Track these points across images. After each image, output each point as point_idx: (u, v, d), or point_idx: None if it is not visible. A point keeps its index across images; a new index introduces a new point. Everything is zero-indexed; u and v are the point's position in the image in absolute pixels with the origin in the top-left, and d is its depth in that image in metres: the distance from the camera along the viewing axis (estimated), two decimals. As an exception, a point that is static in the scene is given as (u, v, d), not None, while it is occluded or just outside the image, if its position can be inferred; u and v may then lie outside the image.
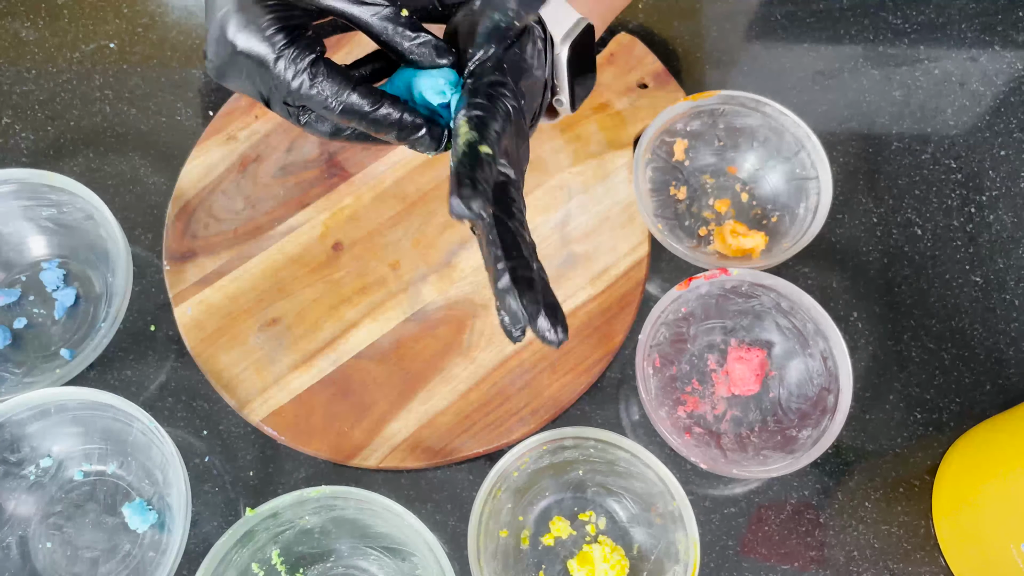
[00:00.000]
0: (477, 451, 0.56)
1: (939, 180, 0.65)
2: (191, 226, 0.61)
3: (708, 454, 0.55)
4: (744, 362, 0.58)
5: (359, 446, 0.56)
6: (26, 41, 0.69)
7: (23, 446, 0.54)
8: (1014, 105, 0.68)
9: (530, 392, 0.57)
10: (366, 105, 0.40)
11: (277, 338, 0.58)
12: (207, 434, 0.57)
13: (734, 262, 0.59)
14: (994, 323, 0.61)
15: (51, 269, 0.60)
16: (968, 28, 0.70)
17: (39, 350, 0.59)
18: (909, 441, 0.58)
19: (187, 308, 0.59)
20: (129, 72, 0.68)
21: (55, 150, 0.65)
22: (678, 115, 0.62)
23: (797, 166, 0.61)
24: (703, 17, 0.71)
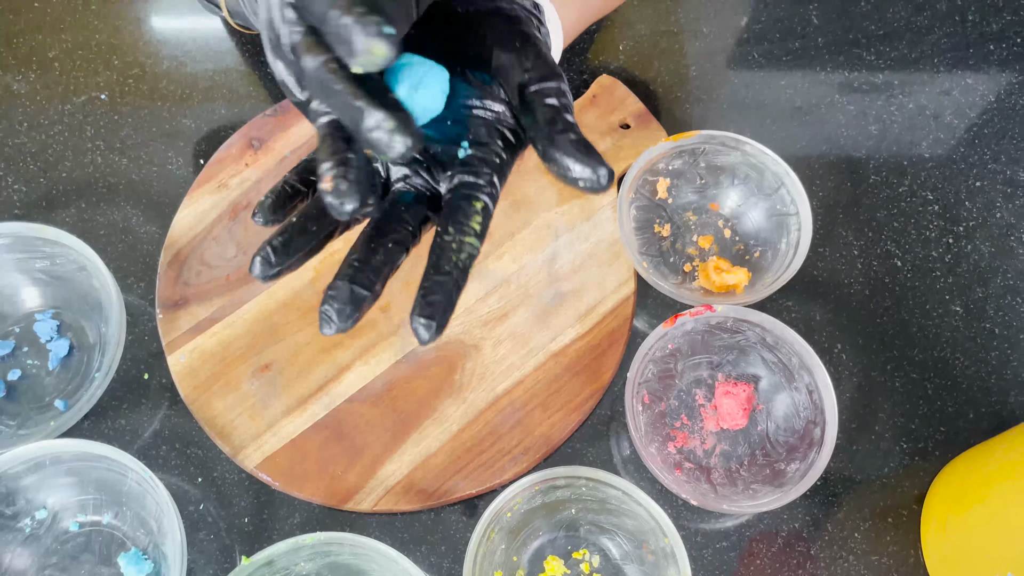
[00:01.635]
0: (470, 492, 0.56)
1: (917, 212, 0.66)
2: (183, 274, 0.62)
3: (698, 489, 0.56)
4: (731, 396, 0.59)
5: (353, 490, 0.56)
6: (17, 94, 0.70)
7: (18, 499, 0.54)
8: (987, 136, 0.69)
9: (522, 431, 0.58)
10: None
11: (270, 383, 0.59)
12: (201, 481, 0.58)
13: (718, 298, 0.61)
14: (975, 352, 0.62)
15: (45, 320, 0.61)
16: (940, 63, 0.72)
17: (33, 401, 0.59)
18: (896, 471, 0.59)
19: (180, 356, 0.59)
20: (120, 123, 0.69)
21: (47, 201, 0.66)
22: (660, 155, 0.63)
23: (778, 202, 0.62)
24: (682, 56, 0.72)
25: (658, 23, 0.74)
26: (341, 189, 0.33)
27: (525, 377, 0.59)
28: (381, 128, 0.31)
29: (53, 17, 0.73)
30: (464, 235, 0.37)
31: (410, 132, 0.31)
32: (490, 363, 0.60)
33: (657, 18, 0.74)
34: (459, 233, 0.37)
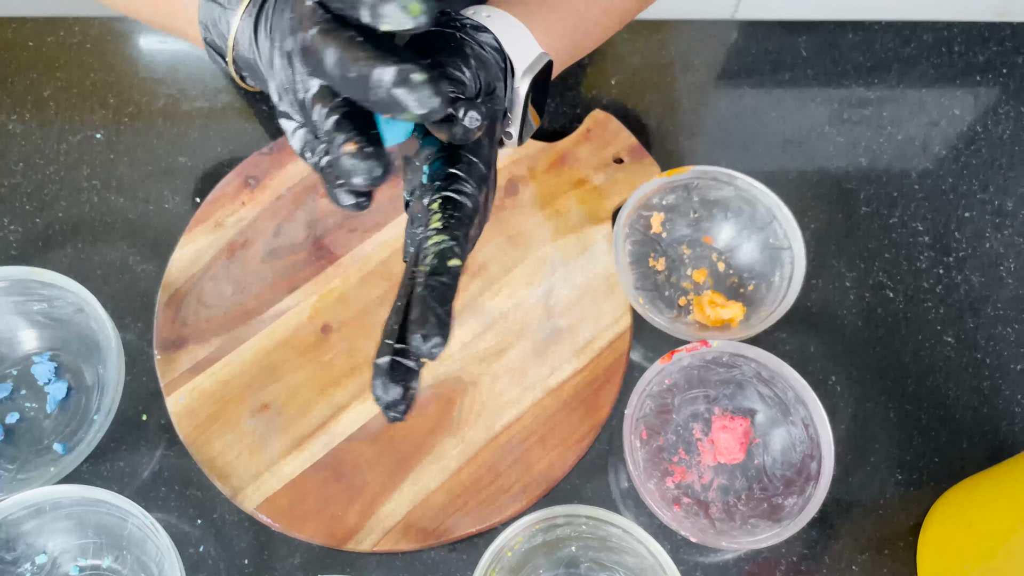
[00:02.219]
0: (470, 530, 0.57)
1: (907, 243, 0.67)
2: (181, 313, 0.62)
3: (697, 525, 0.56)
4: (728, 431, 0.59)
5: (353, 530, 0.56)
6: (13, 134, 0.70)
7: (18, 544, 0.54)
8: (975, 167, 0.70)
9: (520, 468, 0.58)
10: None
11: (269, 422, 0.59)
12: (201, 522, 0.58)
13: (714, 332, 0.61)
14: (967, 381, 0.63)
15: (42, 362, 0.61)
16: (928, 93, 0.73)
17: (32, 444, 0.59)
18: (891, 501, 0.60)
19: (179, 397, 0.59)
20: (116, 161, 0.69)
21: (44, 241, 0.66)
22: (654, 190, 0.64)
23: (771, 236, 0.63)
24: (674, 89, 0.73)
25: (649, 56, 0.74)
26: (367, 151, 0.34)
27: (523, 413, 0.60)
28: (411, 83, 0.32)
29: (48, 56, 0.73)
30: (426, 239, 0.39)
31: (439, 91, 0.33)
32: (488, 399, 0.60)
33: (648, 51, 0.75)
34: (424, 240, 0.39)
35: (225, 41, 0.42)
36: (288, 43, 0.37)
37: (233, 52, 0.42)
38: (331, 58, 0.34)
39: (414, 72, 0.32)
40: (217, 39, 0.43)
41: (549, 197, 0.66)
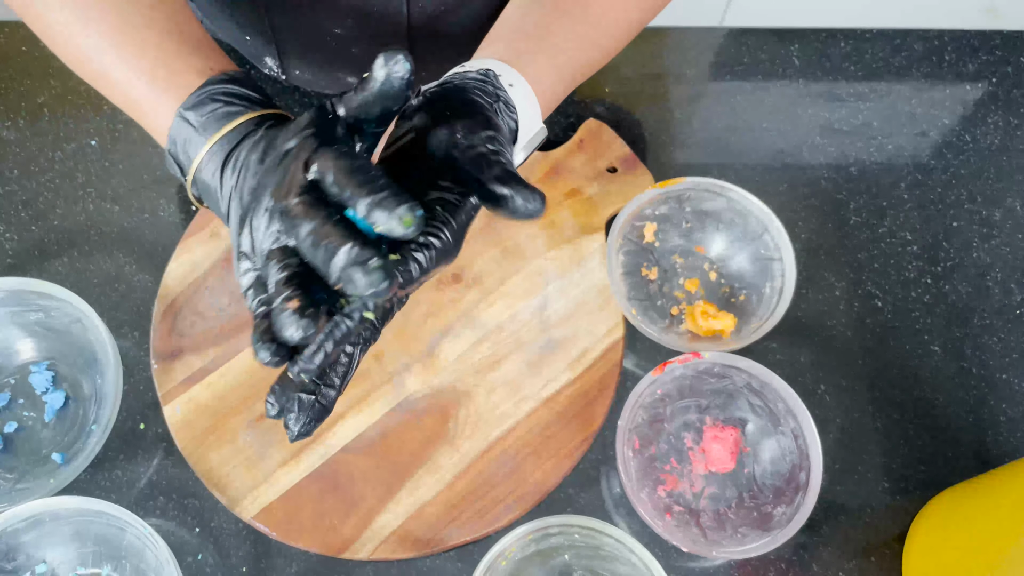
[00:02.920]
0: (465, 539, 0.57)
1: (896, 253, 0.68)
2: (177, 324, 0.62)
3: (688, 535, 0.57)
4: (719, 441, 0.60)
5: (349, 540, 0.57)
6: (7, 141, 0.70)
7: (18, 554, 0.55)
8: (964, 177, 0.71)
9: (515, 479, 0.59)
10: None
11: (265, 434, 0.60)
12: (199, 531, 0.59)
13: (705, 343, 0.62)
14: (952, 391, 0.64)
15: (40, 372, 0.61)
16: (918, 103, 0.74)
17: (30, 454, 0.59)
18: (878, 509, 0.61)
19: (176, 407, 0.60)
20: (111, 170, 0.69)
21: (40, 250, 0.66)
22: (647, 201, 0.64)
23: (762, 247, 0.64)
24: (666, 99, 0.74)
25: (643, 65, 0.75)
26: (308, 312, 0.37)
27: (518, 424, 0.60)
28: (367, 267, 0.36)
29: (40, 62, 0.73)
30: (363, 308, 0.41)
31: (389, 275, 0.36)
32: (483, 410, 0.61)
33: (641, 60, 0.75)
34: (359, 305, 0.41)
35: (190, 161, 0.44)
36: (267, 201, 0.40)
37: (195, 174, 0.44)
38: (305, 229, 0.37)
39: (373, 260, 0.36)
40: (181, 156, 0.45)
41: (543, 207, 0.67)
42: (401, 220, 0.36)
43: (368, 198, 0.36)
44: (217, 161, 0.43)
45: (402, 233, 0.36)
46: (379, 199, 0.36)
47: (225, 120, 0.44)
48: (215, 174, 0.44)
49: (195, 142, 0.44)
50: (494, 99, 0.45)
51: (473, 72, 0.46)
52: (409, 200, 0.36)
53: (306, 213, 0.37)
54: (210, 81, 0.45)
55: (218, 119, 0.44)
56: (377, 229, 0.37)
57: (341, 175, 0.37)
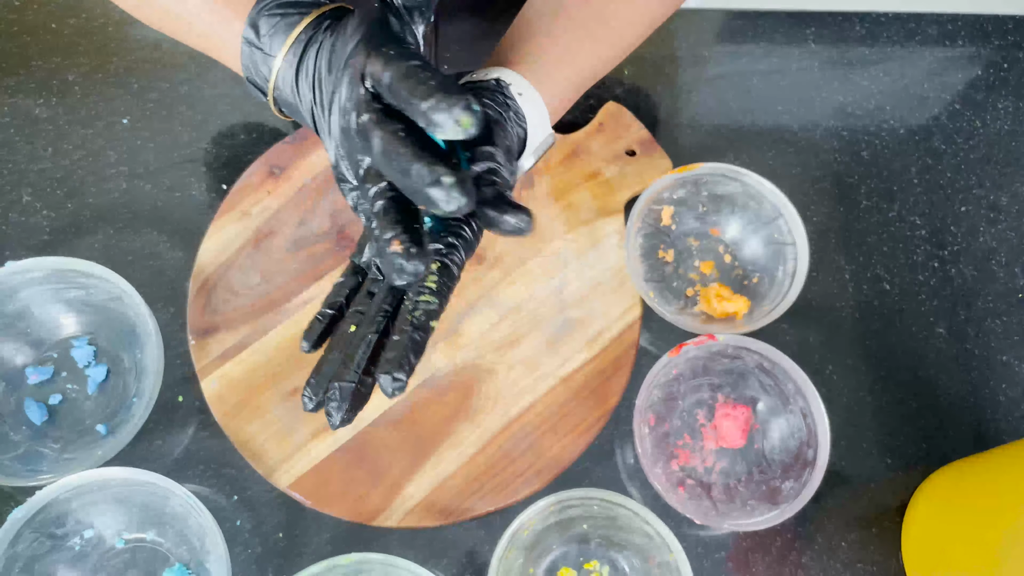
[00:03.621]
0: (487, 510, 0.61)
1: (905, 236, 0.70)
2: (211, 302, 0.65)
3: (700, 507, 0.60)
4: (731, 419, 0.63)
5: (378, 509, 0.60)
6: (39, 119, 0.72)
7: (68, 520, 0.58)
8: (973, 162, 0.73)
9: (534, 454, 0.62)
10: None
11: (297, 408, 0.63)
12: (236, 500, 0.62)
13: (719, 325, 0.64)
14: (956, 372, 0.66)
15: (81, 347, 0.64)
16: (930, 87, 0.75)
17: (74, 425, 0.62)
18: (880, 484, 0.64)
19: (212, 381, 0.63)
20: (142, 148, 0.71)
21: (75, 227, 0.68)
22: (664, 186, 0.66)
23: (775, 231, 0.66)
24: (684, 82, 0.75)
25: (661, 48, 0.76)
26: (412, 252, 0.38)
27: (536, 401, 0.63)
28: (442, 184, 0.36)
29: (69, 40, 0.74)
30: (420, 294, 0.43)
31: (466, 191, 0.36)
32: (503, 387, 0.63)
33: (660, 43, 0.76)
34: (417, 292, 0.43)
35: (266, 83, 0.45)
36: (344, 119, 0.40)
37: (274, 92, 0.45)
38: (377, 147, 0.37)
39: (446, 175, 0.36)
40: (258, 80, 0.45)
41: (563, 190, 0.69)
42: (459, 123, 0.35)
43: (424, 102, 0.36)
44: (291, 75, 0.43)
45: (463, 135, 0.36)
46: (435, 102, 0.35)
47: (287, 32, 0.44)
48: (291, 89, 0.44)
49: (266, 62, 0.44)
50: (504, 108, 0.47)
51: (486, 81, 0.48)
52: (464, 97, 0.36)
53: (374, 129, 0.38)
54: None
55: (281, 32, 0.44)
56: (439, 136, 0.37)
57: (394, 82, 0.37)
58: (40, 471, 0.59)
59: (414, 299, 0.43)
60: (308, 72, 0.43)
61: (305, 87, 0.43)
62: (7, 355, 0.63)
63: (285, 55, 0.43)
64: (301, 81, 0.43)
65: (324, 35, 0.43)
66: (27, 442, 0.61)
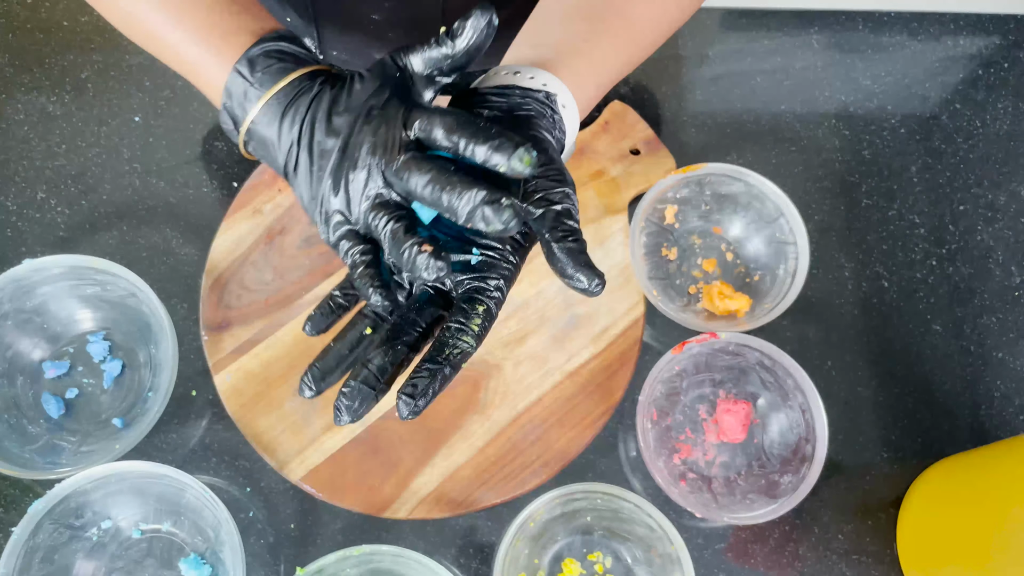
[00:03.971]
0: (495, 501, 0.62)
1: (904, 235, 0.72)
2: (225, 297, 0.66)
3: (701, 500, 0.62)
4: (732, 413, 0.64)
5: (389, 500, 0.62)
6: (54, 116, 0.73)
7: (87, 512, 0.60)
8: (972, 162, 0.74)
9: (541, 446, 0.64)
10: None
11: (309, 401, 0.64)
12: (250, 491, 0.63)
13: (720, 322, 0.66)
14: (951, 368, 0.68)
15: (97, 341, 0.65)
16: (932, 87, 0.76)
17: (91, 418, 0.64)
18: (876, 477, 0.66)
19: (226, 376, 0.64)
20: (155, 145, 0.72)
21: (90, 223, 0.70)
22: (669, 185, 0.67)
23: (777, 231, 0.67)
24: (688, 81, 0.76)
25: (666, 47, 0.77)
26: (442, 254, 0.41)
27: (543, 395, 0.65)
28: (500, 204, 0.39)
29: (82, 37, 0.75)
30: (462, 335, 0.44)
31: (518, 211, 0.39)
32: (511, 382, 0.65)
33: (666, 42, 0.77)
34: (459, 331, 0.44)
35: (245, 113, 0.46)
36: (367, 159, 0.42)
37: (250, 125, 0.46)
38: (422, 180, 0.40)
39: (504, 196, 0.39)
40: (236, 109, 0.46)
41: (569, 188, 0.70)
42: (521, 160, 0.39)
43: (485, 144, 0.40)
44: (275, 113, 0.45)
45: (522, 171, 0.39)
46: (496, 144, 0.39)
47: (281, 75, 0.45)
48: (273, 127, 0.45)
49: (252, 95, 0.45)
50: (552, 124, 0.47)
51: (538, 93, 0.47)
52: (524, 142, 0.40)
53: (419, 167, 0.41)
54: (264, 39, 0.46)
55: (274, 74, 0.45)
56: (499, 169, 0.40)
57: (452, 128, 0.41)
58: (59, 464, 0.60)
59: (456, 337, 0.44)
60: (297, 115, 0.44)
61: (288, 128, 0.44)
62: (25, 349, 0.64)
63: (275, 93, 0.45)
64: (286, 122, 0.44)
65: (322, 87, 0.45)
66: (45, 435, 0.63)
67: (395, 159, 0.41)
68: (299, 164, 0.45)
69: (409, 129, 0.42)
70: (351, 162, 0.43)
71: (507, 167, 0.39)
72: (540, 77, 0.48)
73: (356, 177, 0.43)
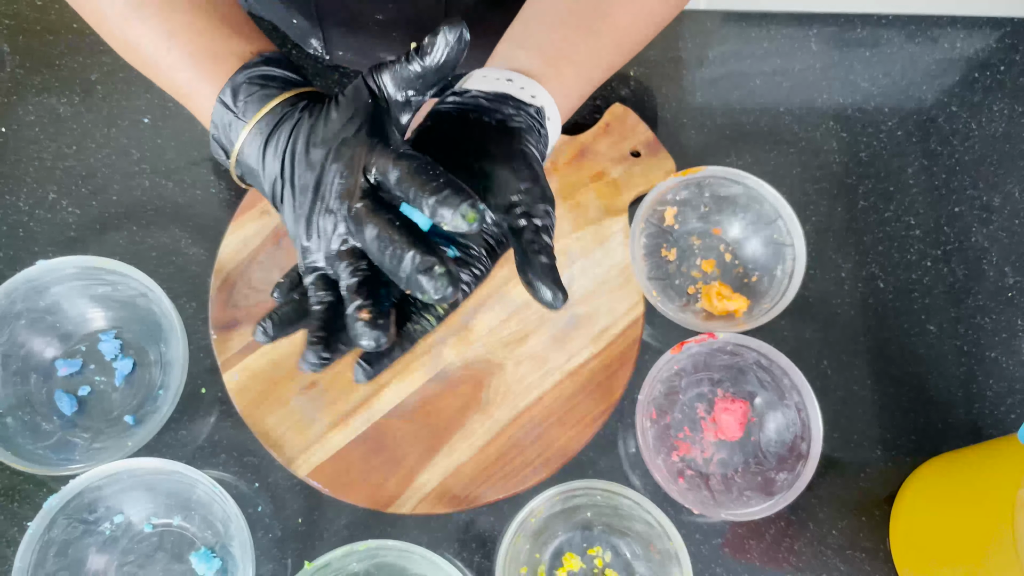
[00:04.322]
0: (497, 497, 0.64)
1: (900, 236, 0.73)
2: (233, 297, 0.68)
3: (699, 496, 0.63)
4: (729, 412, 0.66)
5: (393, 496, 0.64)
6: (64, 117, 0.74)
7: (99, 507, 0.61)
8: (967, 164, 0.75)
9: (542, 444, 0.65)
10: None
11: (316, 399, 0.66)
12: (258, 486, 0.65)
13: (719, 323, 0.67)
14: (945, 368, 0.69)
15: (108, 340, 0.67)
16: (929, 90, 0.77)
17: (103, 415, 0.66)
18: (871, 474, 0.67)
19: (234, 374, 0.66)
20: (163, 146, 0.73)
21: (100, 223, 0.71)
22: (668, 187, 0.69)
23: (775, 232, 0.69)
24: (688, 83, 0.77)
25: (666, 49, 0.78)
26: (379, 323, 0.42)
27: (544, 394, 0.66)
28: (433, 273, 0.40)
29: (92, 39, 0.76)
30: (427, 313, 0.47)
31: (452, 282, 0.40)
32: (512, 381, 0.66)
33: (666, 44, 0.78)
34: (424, 310, 0.47)
35: (232, 144, 0.47)
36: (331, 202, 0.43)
37: (238, 156, 0.47)
38: (371, 233, 0.41)
39: (437, 265, 0.40)
40: (224, 140, 0.47)
41: (570, 190, 0.71)
42: (464, 216, 0.40)
43: (432, 197, 0.40)
44: (258, 143, 0.45)
45: (466, 229, 0.40)
46: (443, 197, 0.40)
47: (262, 102, 0.45)
48: (257, 157, 0.46)
49: (236, 126, 0.46)
50: (538, 138, 0.48)
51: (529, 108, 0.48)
52: (470, 197, 0.40)
53: (370, 217, 0.41)
54: (246, 65, 0.47)
55: (256, 102, 0.46)
56: (444, 227, 0.41)
57: (404, 177, 0.41)
58: (72, 460, 0.62)
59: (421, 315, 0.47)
60: (279, 145, 0.45)
61: (272, 159, 0.45)
62: (38, 348, 0.66)
63: (257, 123, 0.45)
64: (269, 152, 0.45)
65: (302, 114, 0.45)
66: (59, 432, 0.64)
67: (353, 207, 0.42)
68: (284, 199, 0.46)
69: (368, 174, 0.42)
70: (323, 204, 0.44)
71: (451, 224, 0.40)
72: (531, 88, 0.49)
73: (325, 222, 0.44)
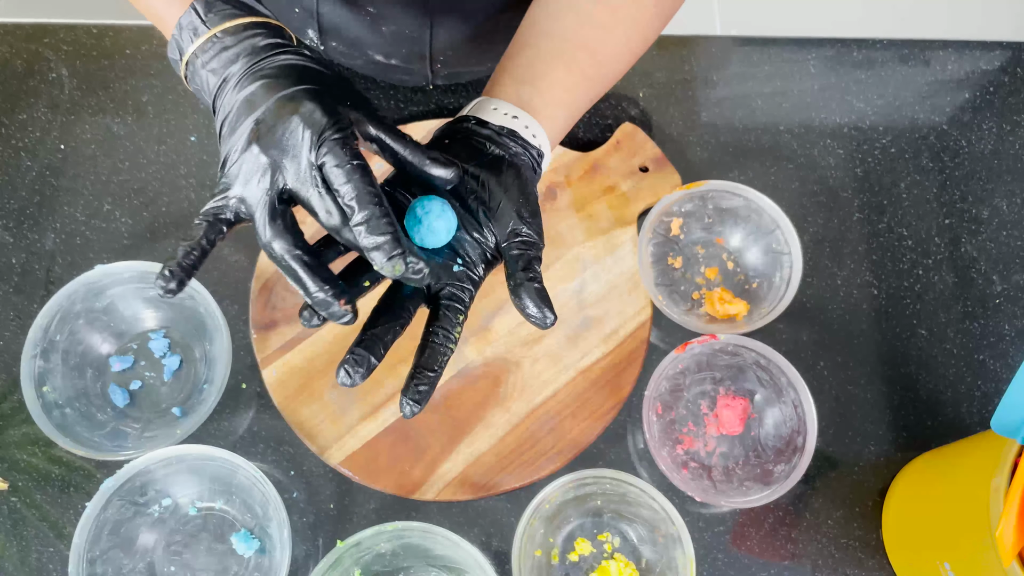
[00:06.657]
0: (514, 485, 0.69)
1: (893, 246, 0.78)
2: (271, 300, 0.74)
3: (701, 486, 0.68)
4: (730, 408, 0.71)
5: (418, 483, 0.69)
6: (118, 135, 0.81)
7: (149, 490, 0.67)
8: (957, 178, 0.80)
9: (556, 436, 0.70)
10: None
11: (348, 393, 0.71)
12: (293, 474, 0.70)
13: (721, 325, 0.72)
14: (935, 368, 0.74)
15: (157, 339, 0.73)
16: (920, 109, 0.82)
17: (152, 407, 0.71)
18: (864, 468, 0.71)
19: (272, 370, 0.71)
20: (208, 162, 0.80)
21: (151, 232, 0.77)
22: (674, 200, 0.74)
23: (773, 241, 0.74)
24: (694, 103, 0.83)
25: (674, 71, 0.84)
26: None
27: (558, 390, 0.71)
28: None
29: (142, 63, 0.83)
30: (448, 342, 0.53)
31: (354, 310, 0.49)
32: (529, 378, 0.72)
33: (673, 66, 0.84)
34: (447, 340, 0.53)
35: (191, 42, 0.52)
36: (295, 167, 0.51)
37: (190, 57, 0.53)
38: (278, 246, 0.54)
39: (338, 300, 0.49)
40: (184, 40, 0.53)
41: (582, 202, 0.77)
42: (394, 268, 0.46)
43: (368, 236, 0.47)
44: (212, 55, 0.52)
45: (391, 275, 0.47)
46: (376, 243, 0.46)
47: (227, 19, 0.52)
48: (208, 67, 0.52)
49: (200, 31, 0.52)
50: (536, 176, 0.55)
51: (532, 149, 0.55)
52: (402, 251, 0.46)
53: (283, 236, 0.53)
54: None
55: (222, 17, 0.52)
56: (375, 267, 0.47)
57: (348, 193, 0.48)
58: (124, 447, 0.68)
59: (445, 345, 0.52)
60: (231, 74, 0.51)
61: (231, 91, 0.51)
62: (95, 345, 0.72)
63: (218, 32, 0.52)
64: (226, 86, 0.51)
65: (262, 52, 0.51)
66: (112, 422, 0.70)
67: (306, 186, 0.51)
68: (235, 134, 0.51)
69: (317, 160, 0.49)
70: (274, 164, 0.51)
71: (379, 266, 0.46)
72: (533, 128, 0.56)
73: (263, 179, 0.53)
